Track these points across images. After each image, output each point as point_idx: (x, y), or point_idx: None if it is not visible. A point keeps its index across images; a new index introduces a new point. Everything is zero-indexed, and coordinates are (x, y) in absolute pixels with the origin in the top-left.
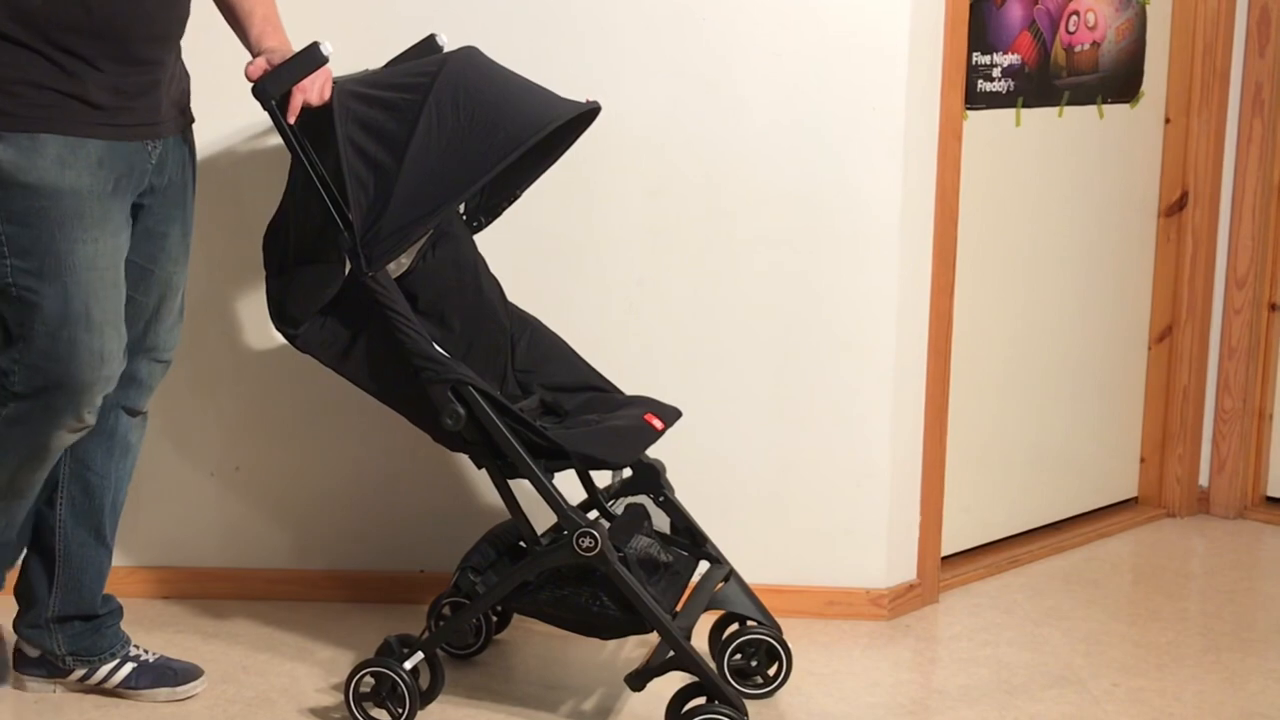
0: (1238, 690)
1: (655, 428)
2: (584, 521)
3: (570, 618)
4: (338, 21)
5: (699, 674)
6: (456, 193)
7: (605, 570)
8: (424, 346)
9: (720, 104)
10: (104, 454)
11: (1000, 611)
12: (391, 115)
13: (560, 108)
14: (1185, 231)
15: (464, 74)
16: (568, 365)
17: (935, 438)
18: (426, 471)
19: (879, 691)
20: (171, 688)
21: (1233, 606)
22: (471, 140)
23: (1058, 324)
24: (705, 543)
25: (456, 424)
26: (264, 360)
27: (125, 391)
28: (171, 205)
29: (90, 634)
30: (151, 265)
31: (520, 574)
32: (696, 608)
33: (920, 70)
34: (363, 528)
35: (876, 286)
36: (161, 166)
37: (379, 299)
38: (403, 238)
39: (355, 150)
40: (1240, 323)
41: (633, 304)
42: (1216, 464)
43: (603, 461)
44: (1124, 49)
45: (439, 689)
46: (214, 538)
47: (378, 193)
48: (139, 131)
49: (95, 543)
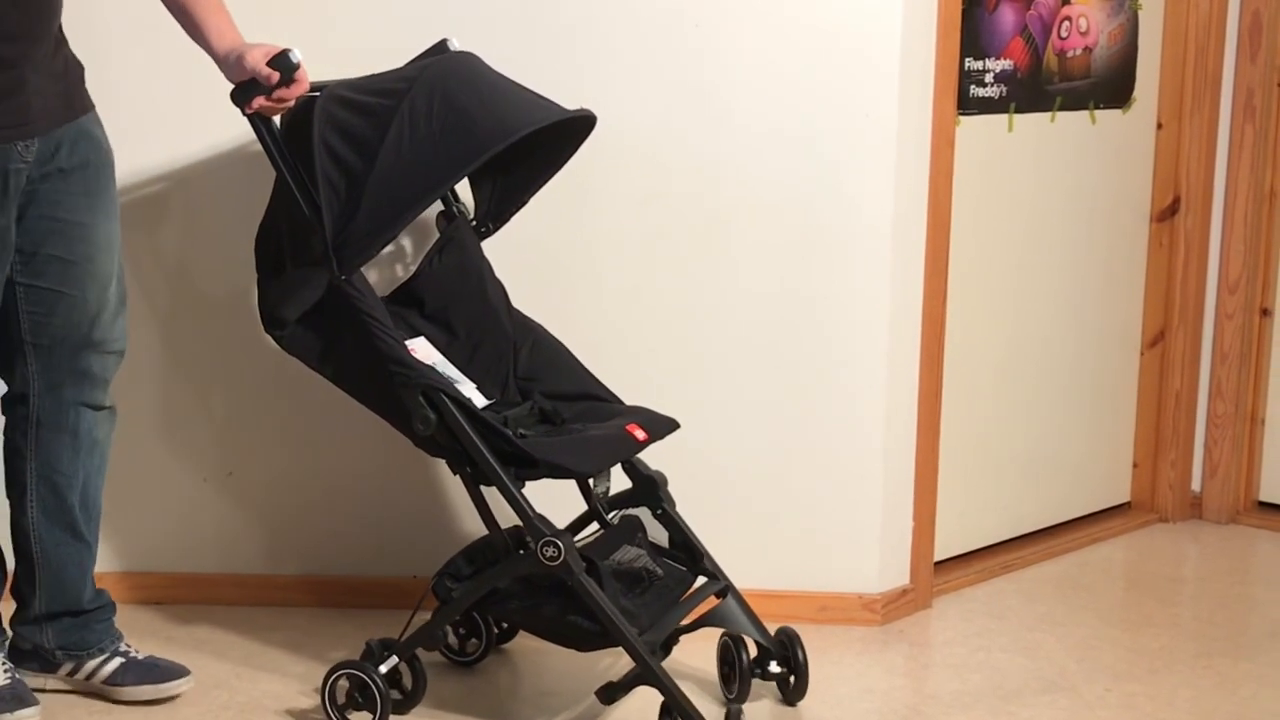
0: (1230, 695)
1: (636, 439)
2: (548, 531)
3: (542, 628)
4: (337, 28)
5: (662, 691)
6: (423, 197)
7: (570, 581)
8: (397, 351)
9: (713, 111)
10: (70, 454)
11: (993, 617)
12: (367, 120)
13: (539, 114)
14: (1177, 237)
15: (443, 79)
16: (568, 374)
17: (928, 443)
18: (424, 476)
19: (872, 697)
20: (156, 685)
21: (1225, 612)
22: (441, 145)
23: (1050, 329)
24: (702, 557)
25: (427, 429)
26: (262, 362)
27: (80, 388)
28: (83, 193)
29: (79, 629)
30: (81, 259)
31: (490, 580)
32: (670, 622)
33: (912, 76)
34: (359, 532)
35: (869, 292)
36: (51, 155)
37: (353, 303)
38: (372, 241)
39: (329, 154)
40: (1232, 328)
41: (626, 311)
42: (1209, 469)
43: (569, 471)
44: (1116, 54)
45: (420, 693)
46: (208, 542)
47: (349, 197)
48: (4, 135)
49: (72, 540)
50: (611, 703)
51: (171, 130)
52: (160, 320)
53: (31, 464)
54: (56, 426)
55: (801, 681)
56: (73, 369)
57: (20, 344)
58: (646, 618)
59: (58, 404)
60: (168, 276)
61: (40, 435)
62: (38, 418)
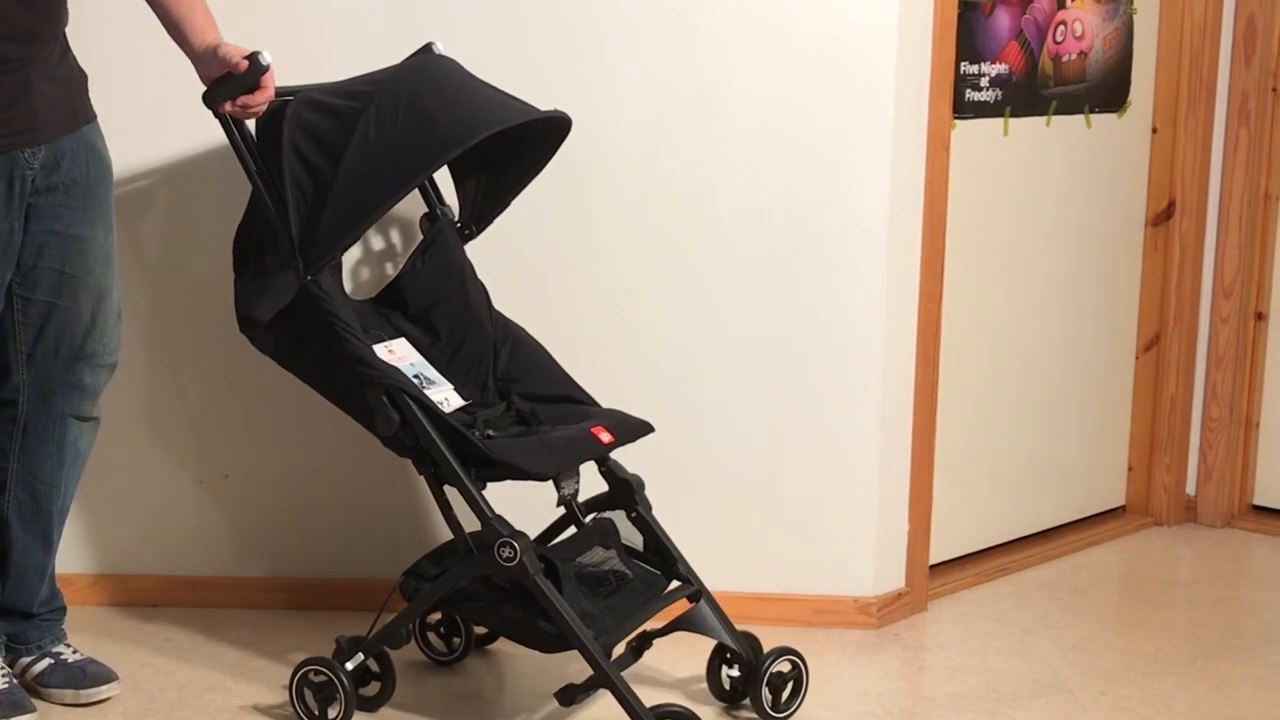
0: (1225, 698)
1: (601, 442)
2: (505, 531)
3: (503, 628)
4: (331, 30)
5: (615, 693)
6: (387, 198)
7: (526, 582)
8: (361, 351)
9: (708, 114)
10: (54, 464)
11: (988, 620)
12: (336, 123)
13: (505, 114)
14: (1172, 241)
15: (410, 81)
16: (547, 375)
17: (923, 446)
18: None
19: (867, 700)
20: (77, 689)
21: (1220, 615)
22: (404, 145)
23: (1045, 333)
24: (675, 561)
25: (390, 429)
26: (239, 364)
27: (71, 399)
28: (83, 207)
29: (25, 627)
30: (78, 272)
31: (452, 580)
32: (631, 625)
33: (908, 80)
34: (349, 534)
35: (864, 295)
36: (55, 166)
37: (319, 303)
38: (336, 242)
39: (298, 157)
40: (1227, 332)
41: (621, 312)
42: (1204, 473)
43: (526, 472)
44: (1111, 59)
45: (390, 690)
46: (200, 545)
47: (315, 198)
48: (13, 141)
49: (41, 547)
50: (570, 704)
51: (155, 130)
52: (141, 321)
53: (14, 465)
54: (43, 436)
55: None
56: (64, 380)
57: (14, 354)
58: (610, 620)
59: (47, 414)
60: (149, 275)
61: (26, 442)
62: (25, 424)
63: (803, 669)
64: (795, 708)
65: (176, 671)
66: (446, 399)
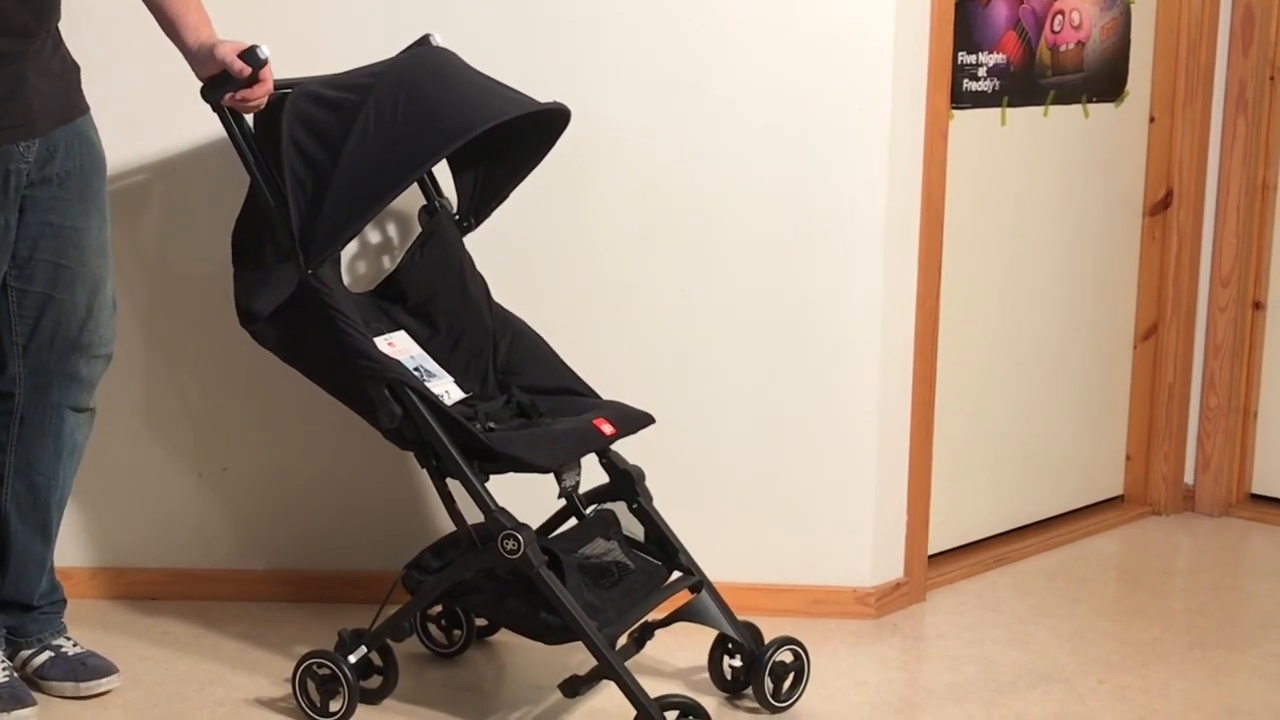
0: (1222, 687)
1: (603, 434)
2: (509, 524)
3: (507, 621)
4: (329, 24)
5: (619, 684)
6: (387, 191)
7: (530, 574)
8: (362, 344)
9: (705, 107)
10: (51, 456)
11: (987, 610)
12: (335, 116)
13: (505, 106)
14: (1170, 230)
15: (410, 73)
16: (546, 368)
17: (921, 436)
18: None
19: (865, 690)
20: (76, 682)
21: (1217, 604)
22: (404, 138)
23: (1043, 323)
24: (676, 552)
25: (392, 422)
26: (240, 358)
27: (68, 390)
28: (78, 199)
29: (24, 620)
30: (73, 264)
31: (454, 573)
32: (635, 616)
33: (905, 70)
34: (348, 527)
35: (862, 286)
36: (49, 158)
37: (320, 297)
38: (337, 236)
39: (297, 150)
40: (1225, 321)
41: (620, 305)
42: (1201, 462)
43: (529, 464)
44: (1109, 48)
45: (393, 683)
46: (199, 538)
47: (315, 192)
48: (7, 135)
49: (40, 540)
50: (575, 696)
51: (152, 123)
52: (140, 315)
53: (11, 458)
54: (40, 428)
55: (797, 684)
56: (60, 372)
57: (10, 346)
58: (613, 611)
59: (43, 406)
60: (148, 268)
61: (23, 434)
62: (22, 416)
63: (804, 659)
64: (796, 697)
65: (176, 664)
66: (447, 392)
